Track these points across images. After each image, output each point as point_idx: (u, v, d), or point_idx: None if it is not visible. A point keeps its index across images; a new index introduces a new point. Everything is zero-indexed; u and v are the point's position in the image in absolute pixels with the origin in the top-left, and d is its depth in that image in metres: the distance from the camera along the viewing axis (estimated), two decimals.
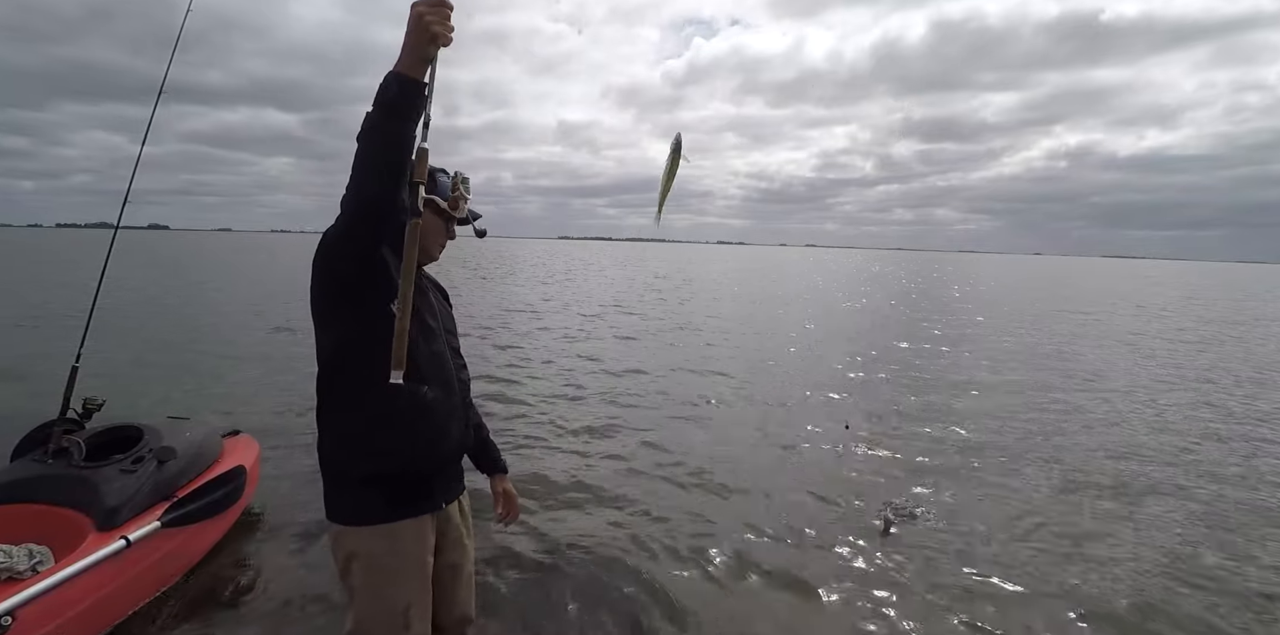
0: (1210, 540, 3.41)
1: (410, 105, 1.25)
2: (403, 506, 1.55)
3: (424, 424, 1.54)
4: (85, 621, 2.13)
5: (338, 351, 1.50)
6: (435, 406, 1.55)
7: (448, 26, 1.22)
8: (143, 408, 4.91)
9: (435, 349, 1.59)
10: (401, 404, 1.50)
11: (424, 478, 1.59)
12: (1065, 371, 8.06)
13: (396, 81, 1.24)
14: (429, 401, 1.54)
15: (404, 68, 1.24)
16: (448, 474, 1.68)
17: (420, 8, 1.20)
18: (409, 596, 1.55)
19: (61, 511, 2.33)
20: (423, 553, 1.59)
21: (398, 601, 1.53)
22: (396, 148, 1.26)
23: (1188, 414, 6.14)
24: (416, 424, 1.53)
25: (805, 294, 20.53)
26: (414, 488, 1.57)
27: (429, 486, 1.60)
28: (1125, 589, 2.91)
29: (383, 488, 1.53)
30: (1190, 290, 30.50)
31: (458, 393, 1.65)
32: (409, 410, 1.51)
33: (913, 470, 4.35)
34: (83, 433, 2.68)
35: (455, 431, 1.63)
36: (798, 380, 7.19)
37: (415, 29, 1.21)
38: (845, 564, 3.06)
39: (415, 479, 1.57)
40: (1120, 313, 16.91)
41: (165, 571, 2.56)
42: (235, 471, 2.89)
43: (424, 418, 1.54)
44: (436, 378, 1.57)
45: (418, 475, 1.57)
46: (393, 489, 1.54)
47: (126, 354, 7.44)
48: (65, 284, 16.45)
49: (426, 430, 1.55)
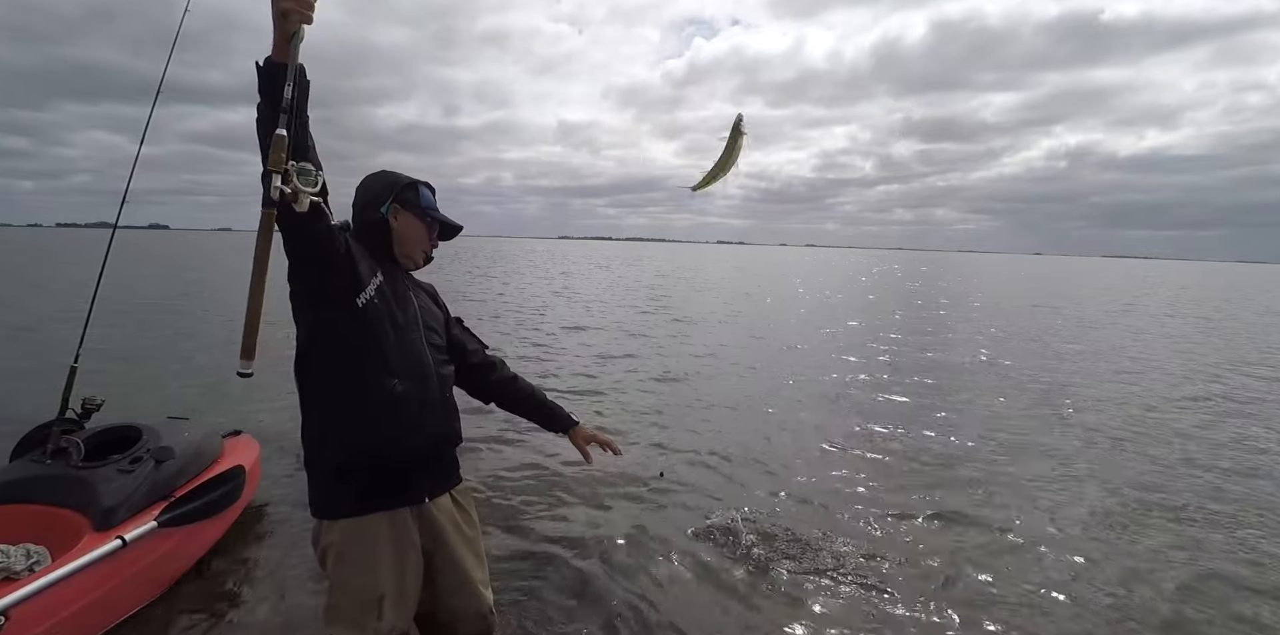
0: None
1: (279, 89, 1.25)
2: (374, 500, 1.60)
3: (392, 417, 1.58)
4: (82, 621, 2.13)
5: (307, 345, 1.57)
6: (405, 399, 1.59)
7: (298, 3, 1.23)
8: (142, 408, 4.89)
9: (407, 344, 1.63)
10: (370, 397, 1.56)
11: (397, 471, 1.62)
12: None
13: (264, 67, 1.26)
14: (398, 395, 1.58)
15: (271, 51, 1.26)
16: (430, 468, 1.71)
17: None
18: (381, 588, 1.58)
19: (59, 511, 2.34)
20: (399, 546, 1.61)
21: (368, 592, 1.57)
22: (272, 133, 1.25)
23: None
24: (384, 417, 1.57)
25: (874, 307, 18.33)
26: (386, 481, 1.61)
27: (404, 480, 1.63)
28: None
29: (353, 481, 1.59)
30: (1183, 289, 30.56)
31: (436, 387, 1.68)
32: (376, 404, 1.56)
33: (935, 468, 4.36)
34: (81, 433, 2.68)
35: (431, 425, 1.66)
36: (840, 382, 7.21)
37: (272, 7, 1.23)
38: (849, 565, 3.07)
39: (387, 472, 1.61)
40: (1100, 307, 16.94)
41: (163, 571, 2.56)
42: (234, 471, 2.89)
43: (392, 411, 1.58)
44: (408, 372, 1.61)
45: (389, 468, 1.61)
46: (363, 482, 1.59)
47: (126, 354, 7.45)
48: (64, 283, 16.45)
49: (394, 423, 1.58)
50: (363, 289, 1.55)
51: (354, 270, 1.52)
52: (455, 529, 1.75)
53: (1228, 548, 3.35)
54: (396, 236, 1.70)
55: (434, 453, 1.71)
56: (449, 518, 1.74)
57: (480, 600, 1.79)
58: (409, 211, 1.70)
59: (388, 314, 1.60)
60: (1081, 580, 2.97)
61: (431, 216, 1.74)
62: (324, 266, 1.46)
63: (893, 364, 8.35)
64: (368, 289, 1.56)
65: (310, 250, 1.42)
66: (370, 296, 1.56)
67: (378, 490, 1.60)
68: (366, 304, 1.55)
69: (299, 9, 1.23)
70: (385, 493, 1.61)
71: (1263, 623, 2.68)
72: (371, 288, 1.57)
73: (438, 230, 1.77)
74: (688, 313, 13.89)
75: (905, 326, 12.57)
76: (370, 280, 1.58)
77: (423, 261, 1.78)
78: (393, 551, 1.60)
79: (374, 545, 1.59)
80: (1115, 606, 2.76)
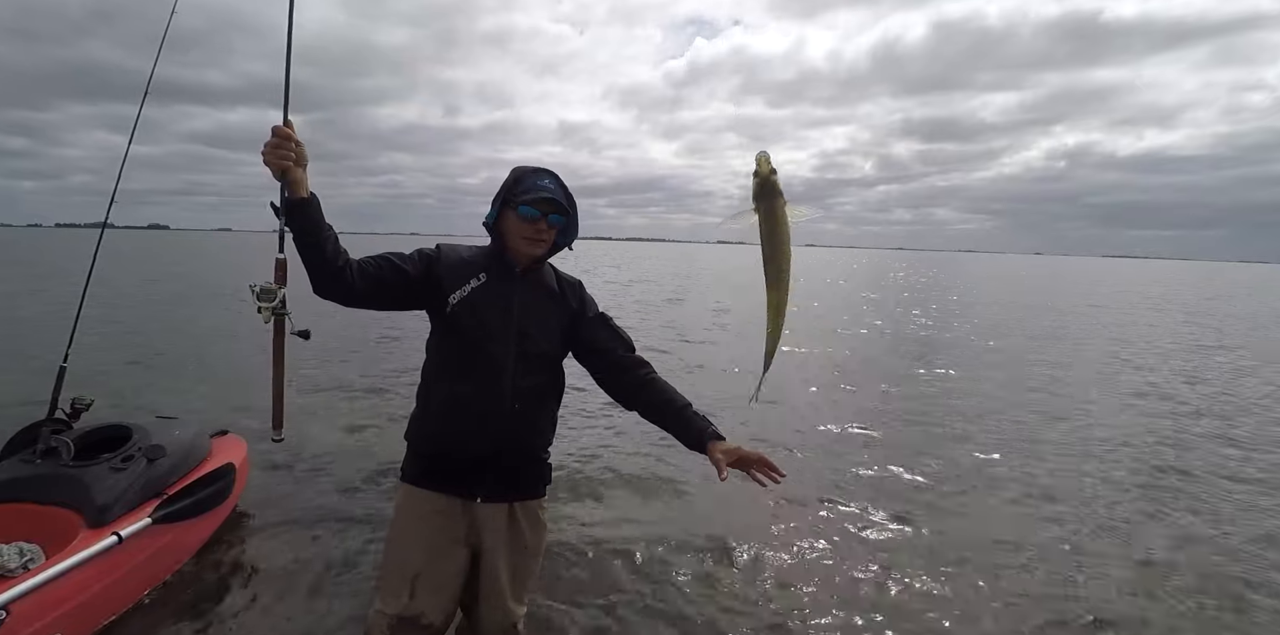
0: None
1: (297, 226, 1.48)
2: (427, 477, 1.70)
3: (448, 419, 1.65)
4: (78, 617, 2.14)
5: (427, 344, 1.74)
6: (467, 405, 1.63)
7: (278, 154, 1.47)
8: (131, 407, 4.90)
9: (485, 351, 1.63)
10: (434, 397, 1.68)
11: (455, 466, 1.67)
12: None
13: (283, 206, 1.51)
14: (459, 398, 1.64)
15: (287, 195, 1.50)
16: (489, 472, 1.67)
17: (262, 152, 1.48)
18: (418, 566, 1.66)
19: (51, 510, 2.35)
20: (439, 529, 1.68)
21: (407, 566, 1.67)
22: (309, 254, 1.50)
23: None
24: (442, 418, 1.66)
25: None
26: (442, 469, 1.69)
27: (460, 474, 1.67)
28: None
29: (418, 459, 1.73)
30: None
31: (508, 396, 1.63)
32: (439, 404, 1.67)
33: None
34: (71, 432, 2.68)
35: (495, 434, 1.64)
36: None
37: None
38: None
39: (445, 463, 1.68)
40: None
41: (157, 568, 2.58)
42: (224, 469, 2.91)
43: (451, 414, 1.65)
44: (476, 379, 1.63)
45: (448, 461, 1.67)
46: (425, 462, 1.71)
47: (115, 354, 7.44)
48: (56, 283, 16.41)
49: (450, 425, 1.65)
50: (447, 297, 1.63)
51: (429, 285, 1.63)
52: (502, 539, 1.70)
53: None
54: (506, 234, 1.67)
55: (495, 460, 1.67)
56: (499, 526, 1.70)
57: (505, 614, 1.74)
58: (508, 207, 1.64)
59: (473, 319, 1.63)
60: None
61: (521, 201, 1.60)
62: (385, 303, 1.65)
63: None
64: (454, 295, 1.63)
65: (364, 304, 1.60)
66: (455, 303, 1.63)
67: (435, 473, 1.69)
68: (453, 309, 1.63)
69: (278, 163, 1.47)
70: (440, 477, 1.69)
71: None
72: (461, 293, 1.63)
73: (544, 219, 1.62)
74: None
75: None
76: (460, 287, 1.64)
77: (540, 250, 1.67)
78: (431, 531, 1.67)
79: (417, 518, 1.69)
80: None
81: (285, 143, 1.48)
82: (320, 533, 3.18)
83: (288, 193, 1.49)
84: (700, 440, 1.63)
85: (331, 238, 1.49)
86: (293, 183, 1.47)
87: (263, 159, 1.47)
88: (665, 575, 2.92)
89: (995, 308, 17.60)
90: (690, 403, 1.71)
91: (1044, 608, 2.72)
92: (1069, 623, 2.63)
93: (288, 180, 1.47)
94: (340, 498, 3.60)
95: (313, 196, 1.48)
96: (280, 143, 1.47)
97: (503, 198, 1.65)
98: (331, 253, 1.48)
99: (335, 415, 5.27)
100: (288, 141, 1.48)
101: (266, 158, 1.47)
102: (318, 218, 1.48)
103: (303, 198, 1.47)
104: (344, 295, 1.53)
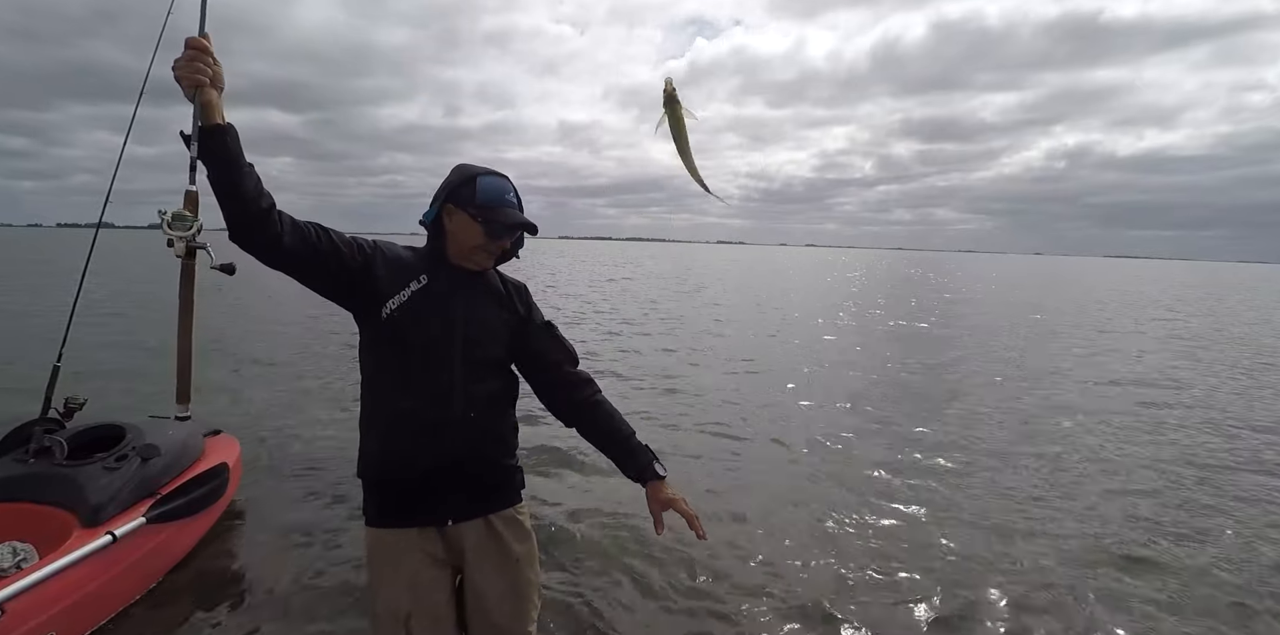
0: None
1: (213, 157, 1.32)
2: (387, 514, 1.56)
3: (399, 435, 1.51)
4: (72, 617, 2.14)
5: (360, 357, 1.58)
6: (415, 418, 1.49)
7: (193, 68, 1.33)
8: (124, 407, 4.87)
9: (432, 358, 1.50)
10: (380, 413, 1.53)
11: (412, 490, 1.53)
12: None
13: (194, 134, 1.41)
14: (405, 412, 1.49)
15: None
16: (454, 490, 1.55)
17: (173, 67, 1.35)
18: (406, 605, 1.52)
19: (45, 509, 2.35)
20: (418, 564, 1.53)
21: (397, 609, 1.52)
22: (226, 191, 1.33)
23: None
24: (392, 435, 1.51)
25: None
26: (401, 499, 1.54)
27: (420, 500, 1.53)
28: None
29: (374, 492, 1.57)
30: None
31: (459, 406, 1.51)
32: (386, 420, 1.52)
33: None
34: (64, 432, 2.68)
35: (451, 445, 1.51)
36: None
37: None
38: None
39: (400, 489, 1.53)
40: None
41: (151, 567, 2.58)
42: (218, 468, 2.91)
43: (400, 429, 1.50)
44: (424, 388, 1.49)
45: (402, 486, 1.53)
46: (380, 495, 1.56)
47: (109, 354, 7.35)
48: (55, 282, 16.36)
49: (401, 442, 1.50)
50: (385, 301, 1.47)
51: (364, 282, 1.46)
52: (485, 555, 1.60)
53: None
54: (450, 237, 1.55)
55: (457, 474, 1.54)
56: (477, 541, 1.59)
57: (498, 632, 1.61)
58: (462, 210, 1.51)
59: (416, 325, 1.49)
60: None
61: (487, 216, 1.50)
62: (310, 271, 1.42)
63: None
64: (392, 300, 1.48)
65: (286, 261, 1.38)
66: (394, 309, 1.48)
67: (392, 507, 1.54)
68: (389, 316, 1.47)
69: (191, 76, 1.34)
70: (400, 510, 1.54)
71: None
72: (399, 298, 1.48)
73: (501, 230, 1.53)
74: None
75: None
76: (400, 289, 1.49)
77: (490, 263, 1.60)
78: (411, 569, 1.53)
79: (392, 560, 1.54)
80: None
81: (201, 56, 1.34)
82: (314, 531, 3.17)
83: (201, 119, 1.35)
84: (641, 476, 1.64)
85: (253, 175, 1.32)
86: (206, 105, 1.33)
87: (174, 74, 1.34)
88: (646, 551, 2.97)
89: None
90: (634, 431, 1.68)
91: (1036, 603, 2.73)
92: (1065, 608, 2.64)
93: (201, 102, 1.34)
94: (334, 495, 3.60)
95: (229, 125, 1.32)
96: (196, 55, 1.33)
97: (449, 198, 1.52)
98: (253, 191, 1.31)
99: (329, 409, 5.24)
100: (204, 55, 1.34)
101: (179, 72, 1.33)
102: (236, 149, 1.31)
103: (218, 124, 1.31)
104: (267, 243, 1.33)
